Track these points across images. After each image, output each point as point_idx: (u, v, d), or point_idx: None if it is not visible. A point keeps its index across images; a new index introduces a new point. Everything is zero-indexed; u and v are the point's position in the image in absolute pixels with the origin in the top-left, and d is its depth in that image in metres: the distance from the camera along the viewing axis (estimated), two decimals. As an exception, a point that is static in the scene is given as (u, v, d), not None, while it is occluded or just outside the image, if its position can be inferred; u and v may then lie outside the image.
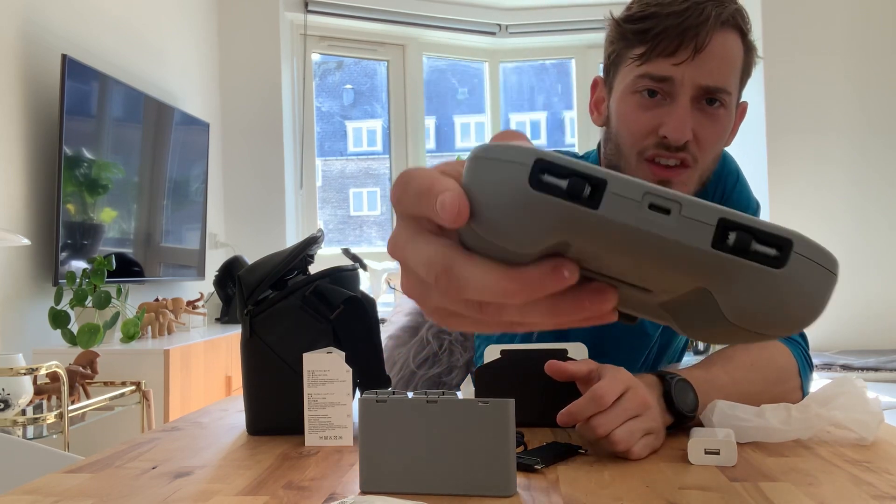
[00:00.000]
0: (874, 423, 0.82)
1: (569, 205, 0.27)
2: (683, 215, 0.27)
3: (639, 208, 0.27)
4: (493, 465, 0.67)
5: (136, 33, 3.15)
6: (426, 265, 0.32)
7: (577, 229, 0.28)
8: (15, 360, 1.91)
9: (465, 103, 5.11)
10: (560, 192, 0.27)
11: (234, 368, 3.00)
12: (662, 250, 0.27)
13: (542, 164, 0.28)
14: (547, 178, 0.28)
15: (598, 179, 0.27)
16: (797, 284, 0.28)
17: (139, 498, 0.69)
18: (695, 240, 0.27)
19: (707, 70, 0.96)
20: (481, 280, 0.30)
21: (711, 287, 0.28)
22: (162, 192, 3.17)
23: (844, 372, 3.34)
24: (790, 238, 0.28)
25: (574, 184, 0.27)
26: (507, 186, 0.28)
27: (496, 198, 0.28)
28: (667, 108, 0.98)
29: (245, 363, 0.96)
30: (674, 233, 0.27)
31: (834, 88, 3.83)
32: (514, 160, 0.28)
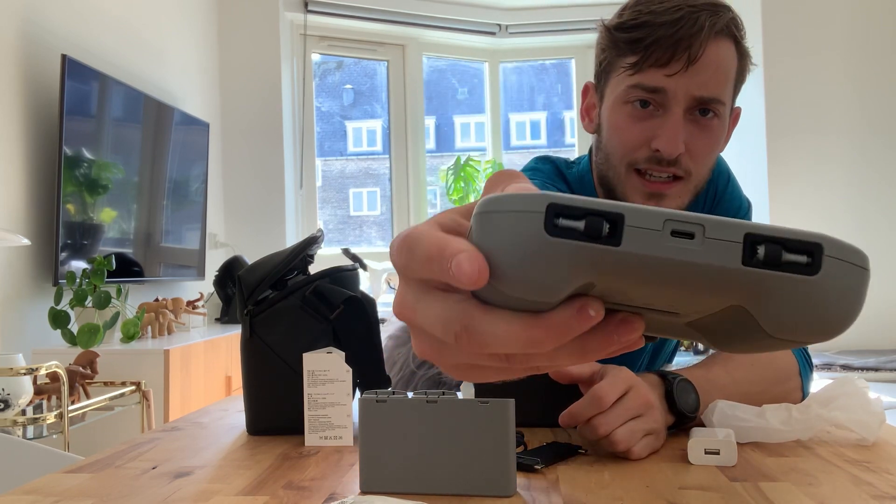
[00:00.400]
0: (875, 423, 0.82)
1: (590, 246, 0.27)
2: (708, 237, 0.27)
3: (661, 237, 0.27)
4: (493, 465, 0.67)
5: (136, 33, 3.15)
6: (443, 324, 0.30)
7: (602, 269, 0.27)
8: (15, 360, 1.91)
9: (465, 103, 5.11)
10: (578, 235, 0.27)
11: (234, 368, 3.00)
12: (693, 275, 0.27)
13: (555, 209, 0.27)
14: (562, 221, 0.27)
15: (615, 215, 0.27)
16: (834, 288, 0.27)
17: (139, 498, 0.69)
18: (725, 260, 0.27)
19: (700, 81, 0.95)
20: (505, 333, 0.29)
21: (747, 304, 0.28)
22: (162, 192, 3.17)
23: (844, 372, 3.34)
24: (820, 242, 0.27)
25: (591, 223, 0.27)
26: (524, 238, 0.27)
27: (514, 251, 0.27)
28: (659, 121, 0.97)
29: (245, 363, 0.96)
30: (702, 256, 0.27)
31: (834, 88, 3.83)
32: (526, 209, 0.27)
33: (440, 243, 0.29)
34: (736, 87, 1.02)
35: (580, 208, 0.27)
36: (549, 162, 1.16)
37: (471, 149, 5.33)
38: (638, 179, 0.99)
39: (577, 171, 1.14)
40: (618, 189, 1.02)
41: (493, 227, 0.28)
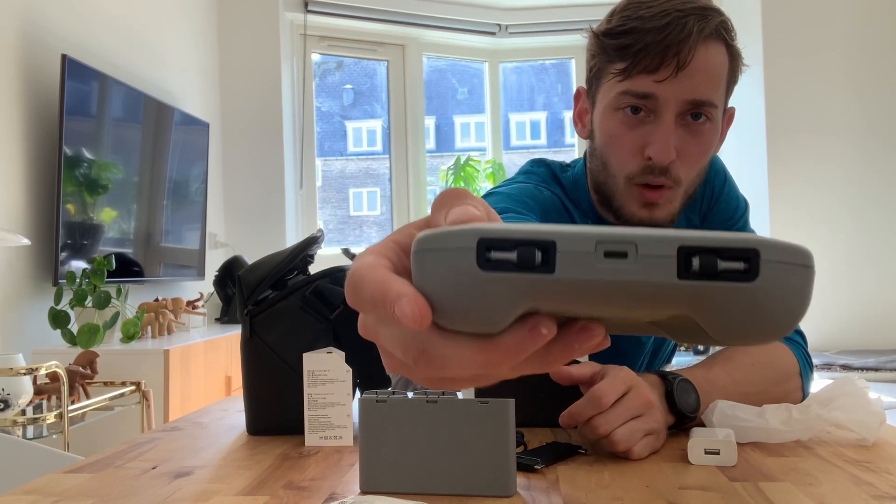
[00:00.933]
0: (876, 423, 0.82)
1: (524, 276, 0.27)
2: (641, 254, 0.27)
3: (595, 259, 0.27)
4: (493, 465, 0.67)
5: (136, 33, 3.15)
6: (402, 348, 0.31)
7: (540, 296, 0.27)
8: (15, 360, 1.91)
9: (465, 103, 5.11)
10: (512, 266, 0.27)
11: (234, 368, 3.00)
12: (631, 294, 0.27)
13: (486, 242, 0.27)
14: (495, 255, 0.27)
15: (546, 242, 0.27)
16: (775, 291, 0.27)
17: (139, 498, 0.69)
18: (660, 276, 0.26)
19: (691, 86, 0.94)
20: (461, 358, 0.30)
21: (690, 314, 0.28)
22: (162, 192, 3.17)
23: (844, 372, 3.34)
24: (755, 247, 0.27)
25: (523, 253, 0.27)
26: (458, 275, 0.27)
27: (450, 290, 0.27)
28: (651, 127, 0.96)
29: (245, 363, 0.96)
30: (637, 275, 0.26)
31: (834, 88, 3.83)
32: (457, 246, 0.27)
33: (382, 287, 0.29)
34: (728, 89, 1.02)
35: (511, 239, 0.27)
36: (543, 165, 1.16)
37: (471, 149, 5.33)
38: (637, 190, 0.99)
39: (571, 174, 1.13)
40: (615, 198, 1.02)
41: (428, 266, 0.28)
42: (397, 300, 0.29)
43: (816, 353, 3.69)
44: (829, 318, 3.77)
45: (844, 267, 3.77)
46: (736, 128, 4.81)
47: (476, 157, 4.57)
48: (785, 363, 1.00)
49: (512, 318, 0.28)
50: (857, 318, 3.77)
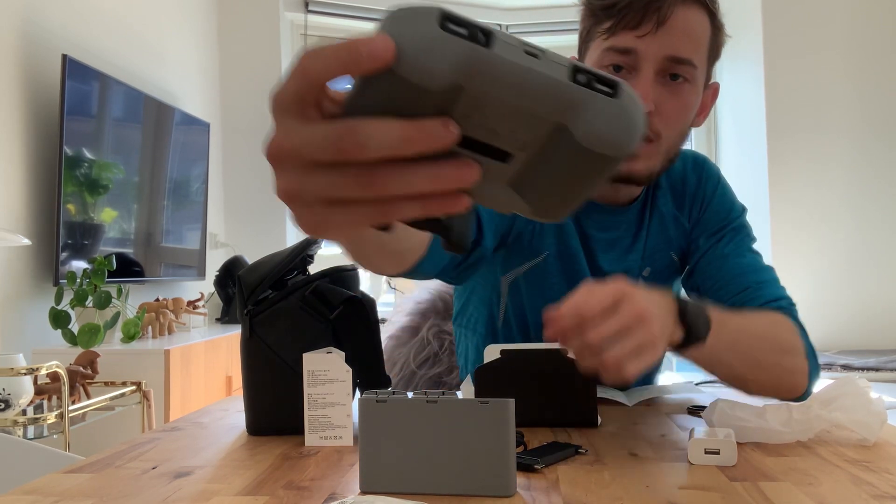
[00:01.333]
0: (877, 423, 0.82)
1: (469, 44, 0.34)
2: (548, 58, 0.36)
3: (518, 50, 0.35)
4: (493, 465, 0.67)
5: (136, 33, 3.15)
6: (324, 139, 0.35)
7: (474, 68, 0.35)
8: (15, 360, 1.92)
9: (466, 103, 5.11)
10: (463, 35, 0.35)
11: (234, 368, 3.00)
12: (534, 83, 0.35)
13: (447, 15, 0.35)
14: (451, 25, 0.35)
15: (489, 29, 0.35)
16: (627, 110, 0.37)
17: (139, 498, 0.69)
18: (558, 74, 0.36)
19: (670, 42, 0.98)
20: (383, 130, 0.35)
21: (568, 119, 0.37)
22: (162, 192, 3.17)
23: (845, 372, 3.34)
24: (618, 80, 0.37)
25: (472, 31, 0.35)
26: (423, 29, 0.34)
27: (413, 40, 0.34)
28: (631, 82, 0.99)
29: (245, 363, 0.96)
30: (542, 67, 0.35)
31: (834, 88, 3.83)
32: (426, 11, 0.35)
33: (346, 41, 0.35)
34: (710, 58, 1.05)
35: (464, 19, 0.35)
36: None
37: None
38: None
39: None
40: None
41: (399, 21, 0.35)
42: (367, 41, 0.34)
43: (817, 352, 3.69)
44: (829, 318, 3.77)
45: (844, 267, 3.77)
46: (736, 128, 4.80)
47: (476, 157, 4.57)
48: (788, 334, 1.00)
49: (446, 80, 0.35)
50: (857, 318, 3.76)
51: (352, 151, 0.35)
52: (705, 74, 1.05)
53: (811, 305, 3.75)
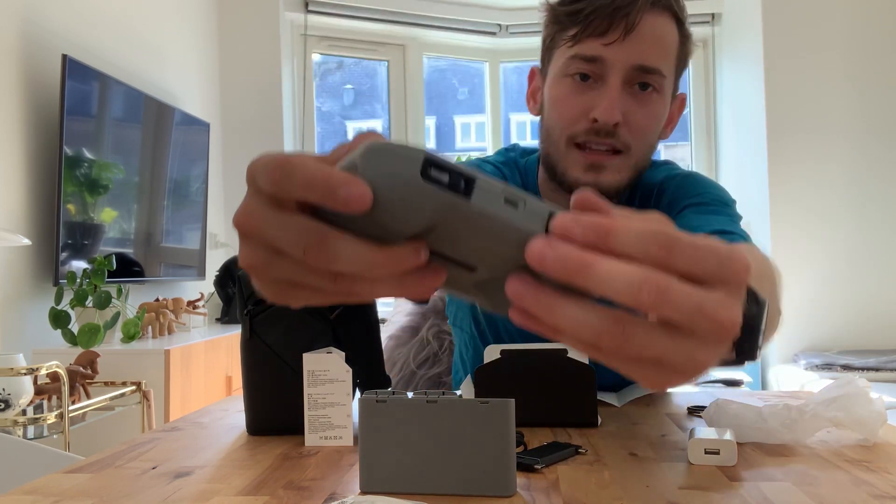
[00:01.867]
0: (877, 423, 0.82)
1: (448, 194, 0.34)
2: (527, 208, 0.35)
3: (498, 200, 0.35)
4: (493, 465, 0.67)
5: (136, 33, 3.15)
6: (295, 237, 0.35)
7: (450, 215, 0.35)
8: (15, 360, 1.91)
9: (466, 103, 5.11)
10: (443, 184, 0.34)
11: (234, 368, 3.00)
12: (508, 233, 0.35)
13: (430, 161, 0.34)
14: (433, 171, 0.34)
15: (470, 176, 0.35)
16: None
17: (139, 498, 0.69)
18: (532, 225, 0.35)
19: (638, 50, 0.95)
20: (353, 253, 0.34)
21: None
22: (162, 192, 3.17)
23: (845, 372, 3.34)
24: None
25: (453, 178, 0.34)
26: (403, 176, 0.34)
27: (392, 186, 0.34)
28: (598, 91, 0.97)
29: (245, 363, 0.96)
30: (518, 219, 0.35)
31: (834, 88, 3.83)
32: (409, 156, 0.34)
33: (325, 172, 0.33)
34: (678, 68, 1.02)
35: (447, 165, 0.34)
36: (510, 150, 1.20)
37: (471, 149, 5.33)
38: (578, 152, 0.99)
39: (529, 160, 1.15)
40: (559, 165, 1.02)
41: (380, 163, 0.34)
42: (344, 184, 0.33)
43: (817, 353, 3.69)
44: (829, 318, 3.77)
45: (844, 267, 3.77)
46: (736, 128, 4.81)
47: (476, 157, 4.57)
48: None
49: (421, 226, 0.35)
50: (857, 318, 3.76)
51: (320, 261, 0.35)
52: (673, 84, 1.02)
53: (811, 305, 3.75)
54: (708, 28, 4.30)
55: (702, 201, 1.02)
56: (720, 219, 0.97)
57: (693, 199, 1.03)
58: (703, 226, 0.93)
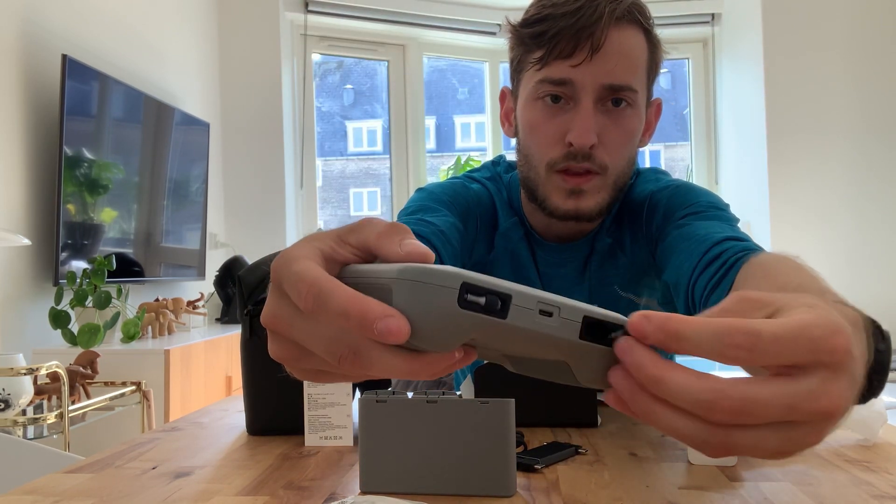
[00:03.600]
0: (877, 423, 0.82)
1: (485, 317, 0.35)
2: (562, 316, 0.37)
3: (533, 314, 0.36)
4: (493, 465, 0.67)
5: (136, 33, 3.15)
6: (328, 345, 0.35)
7: (487, 333, 0.36)
8: (15, 360, 1.91)
9: (465, 103, 5.11)
10: (479, 308, 0.35)
11: (234, 368, 3.00)
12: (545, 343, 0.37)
13: (466, 287, 0.35)
14: (470, 297, 0.35)
15: (506, 295, 0.36)
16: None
17: (139, 498, 0.69)
18: (567, 334, 0.37)
19: (607, 69, 0.93)
20: (388, 364, 0.34)
21: (571, 363, 0.38)
22: (162, 192, 3.17)
23: (845, 372, 3.33)
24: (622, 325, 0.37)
25: (490, 300, 0.35)
26: (440, 307, 0.34)
27: (429, 317, 0.34)
28: (571, 114, 0.96)
29: (245, 363, 0.96)
30: (555, 330, 0.36)
31: (834, 88, 3.83)
32: (445, 285, 0.34)
33: (360, 302, 0.34)
34: (650, 76, 1.00)
35: (483, 288, 0.35)
36: (497, 163, 1.19)
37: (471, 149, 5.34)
38: (558, 177, 0.98)
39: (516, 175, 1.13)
40: (539, 191, 1.01)
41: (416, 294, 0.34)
42: (382, 318, 0.33)
43: (817, 352, 3.69)
44: (829, 317, 3.77)
45: (844, 267, 3.77)
46: (736, 128, 4.81)
47: (476, 157, 4.57)
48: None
49: (459, 345, 0.36)
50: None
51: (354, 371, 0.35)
52: (646, 94, 1.00)
53: (811, 305, 3.75)
54: (708, 28, 4.30)
55: (698, 209, 1.01)
56: (721, 225, 0.96)
57: (689, 208, 1.02)
58: (710, 233, 0.92)
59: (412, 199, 1.07)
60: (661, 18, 4.24)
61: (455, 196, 1.07)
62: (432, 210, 1.02)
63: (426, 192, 1.08)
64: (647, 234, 1.06)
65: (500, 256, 1.11)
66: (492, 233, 1.11)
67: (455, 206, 1.05)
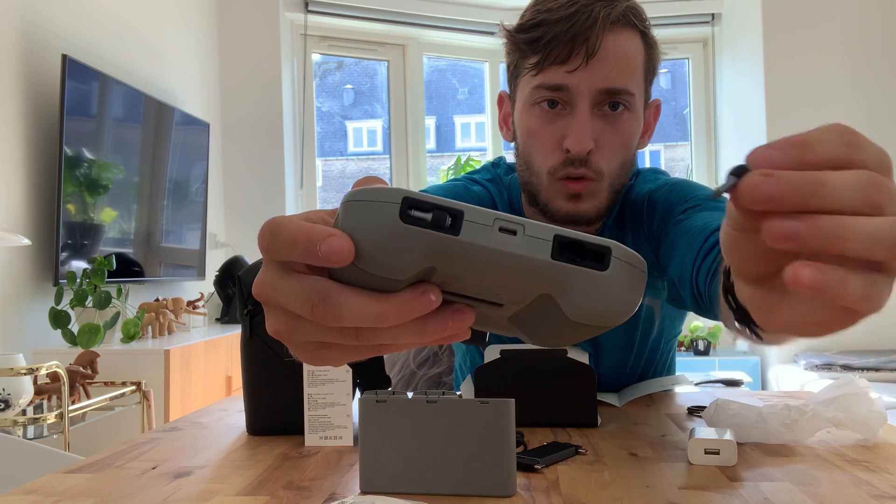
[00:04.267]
0: (877, 423, 0.82)
1: (434, 233, 0.32)
2: (527, 234, 0.33)
3: (491, 231, 0.33)
4: (493, 465, 0.67)
5: (136, 33, 3.15)
6: (302, 298, 0.34)
7: (443, 254, 0.33)
8: (15, 360, 1.91)
9: (465, 103, 5.12)
10: (426, 224, 0.32)
11: (234, 368, 3.00)
12: (512, 264, 0.33)
13: (409, 202, 0.32)
14: (414, 212, 0.32)
15: (456, 211, 0.33)
16: (618, 282, 0.34)
17: (139, 498, 0.69)
18: (538, 252, 0.33)
19: (603, 74, 0.93)
20: (357, 306, 0.33)
21: (553, 292, 0.34)
22: (162, 192, 3.17)
23: (845, 372, 3.34)
24: (609, 246, 0.34)
25: (437, 216, 0.33)
26: (382, 223, 0.32)
27: (373, 234, 0.32)
28: (567, 119, 0.96)
29: (245, 363, 0.96)
30: (520, 248, 0.33)
31: (834, 88, 3.83)
32: (385, 200, 0.33)
33: (306, 229, 0.33)
34: (647, 78, 1.00)
35: (428, 203, 0.33)
36: (497, 165, 1.19)
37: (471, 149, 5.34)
38: (559, 183, 0.99)
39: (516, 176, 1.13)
40: (540, 195, 1.02)
41: (358, 213, 0.33)
42: (324, 238, 0.32)
43: (817, 353, 3.69)
44: (829, 317, 3.77)
45: (845, 267, 3.77)
46: (736, 128, 4.82)
47: (476, 157, 4.57)
48: None
49: (416, 270, 0.33)
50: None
51: (327, 318, 0.34)
52: (644, 96, 1.00)
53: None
54: (708, 28, 4.30)
55: (696, 203, 1.02)
56: (720, 214, 0.96)
57: (687, 203, 1.02)
58: (708, 223, 0.92)
59: None
60: (661, 18, 4.24)
61: (457, 198, 1.07)
62: None
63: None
64: (649, 233, 1.06)
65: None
66: None
67: None
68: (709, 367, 3.89)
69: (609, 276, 0.34)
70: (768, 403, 0.89)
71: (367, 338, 0.35)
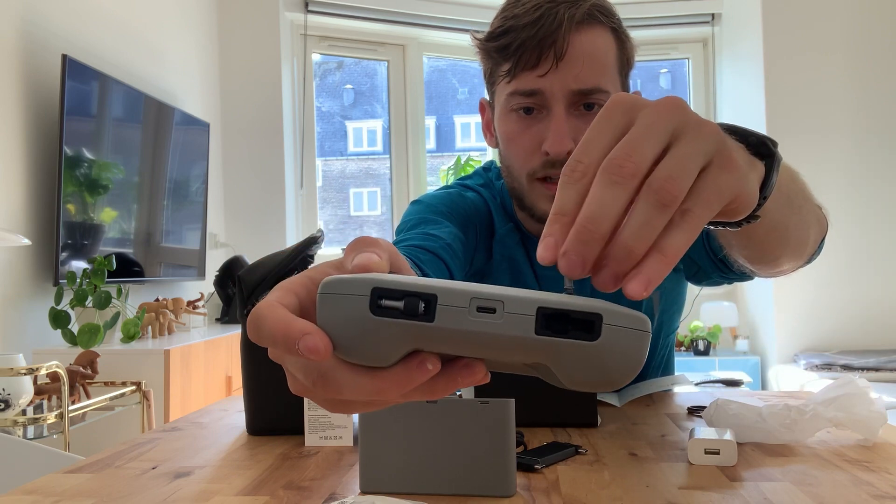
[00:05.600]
0: (877, 423, 0.82)
1: (408, 322, 0.31)
2: (507, 311, 0.32)
3: (469, 313, 0.32)
4: (493, 465, 0.67)
5: (136, 33, 3.15)
6: (303, 374, 0.35)
7: (421, 340, 0.32)
8: (15, 360, 1.91)
9: (465, 103, 5.11)
10: (398, 313, 0.31)
11: (234, 368, 3.00)
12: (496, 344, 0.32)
13: (378, 292, 0.32)
14: (385, 302, 0.32)
15: (428, 295, 0.32)
16: (613, 350, 0.32)
17: (139, 498, 0.69)
18: (520, 330, 0.32)
19: (574, 75, 0.93)
20: (355, 384, 0.33)
21: (546, 363, 0.33)
22: (162, 192, 3.17)
23: (845, 372, 3.34)
24: (600, 312, 0.32)
25: (409, 303, 0.32)
26: (353, 317, 0.32)
27: (346, 329, 0.32)
28: (545, 123, 0.96)
29: (245, 363, 0.96)
30: (501, 328, 0.32)
31: (834, 88, 3.83)
32: (353, 293, 0.32)
33: (283, 326, 0.33)
34: (622, 72, 1.00)
35: (399, 290, 0.32)
36: (489, 169, 1.20)
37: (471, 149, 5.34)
38: (541, 186, 0.99)
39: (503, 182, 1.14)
40: (525, 199, 1.02)
41: (330, 307, 0.32)
42: (301, 337, 0.32)
43: (816, 353, 3.69)
44: (829, 318, 3.77)
45: (844, 267, 3.77)
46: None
47: (476, 157, 4.57)
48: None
49: (399, 356, 0.32)
50: (857, 318, 3.76)
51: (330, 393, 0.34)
52: (621, 90, 1.00)
53: (811, 306, 3.75)
54: (708, 28, 4.30)
55: None
56: None
57: None
58: None
59: (410, 213, 1.07)
60: (661, 18, 4.24)
61: (453, 206, 1.08)
62: (433, 222, 1.02)
63: (423, 205, 1.08)
64: None
65: (498, 263, 1.11)
66: (489, 240, 1.12)
67: (454, 216, 1.06)
68: (709, 367, 3.89)
69: (601, 346, 0.32)
70: (768, 403, 0.89)
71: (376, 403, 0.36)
